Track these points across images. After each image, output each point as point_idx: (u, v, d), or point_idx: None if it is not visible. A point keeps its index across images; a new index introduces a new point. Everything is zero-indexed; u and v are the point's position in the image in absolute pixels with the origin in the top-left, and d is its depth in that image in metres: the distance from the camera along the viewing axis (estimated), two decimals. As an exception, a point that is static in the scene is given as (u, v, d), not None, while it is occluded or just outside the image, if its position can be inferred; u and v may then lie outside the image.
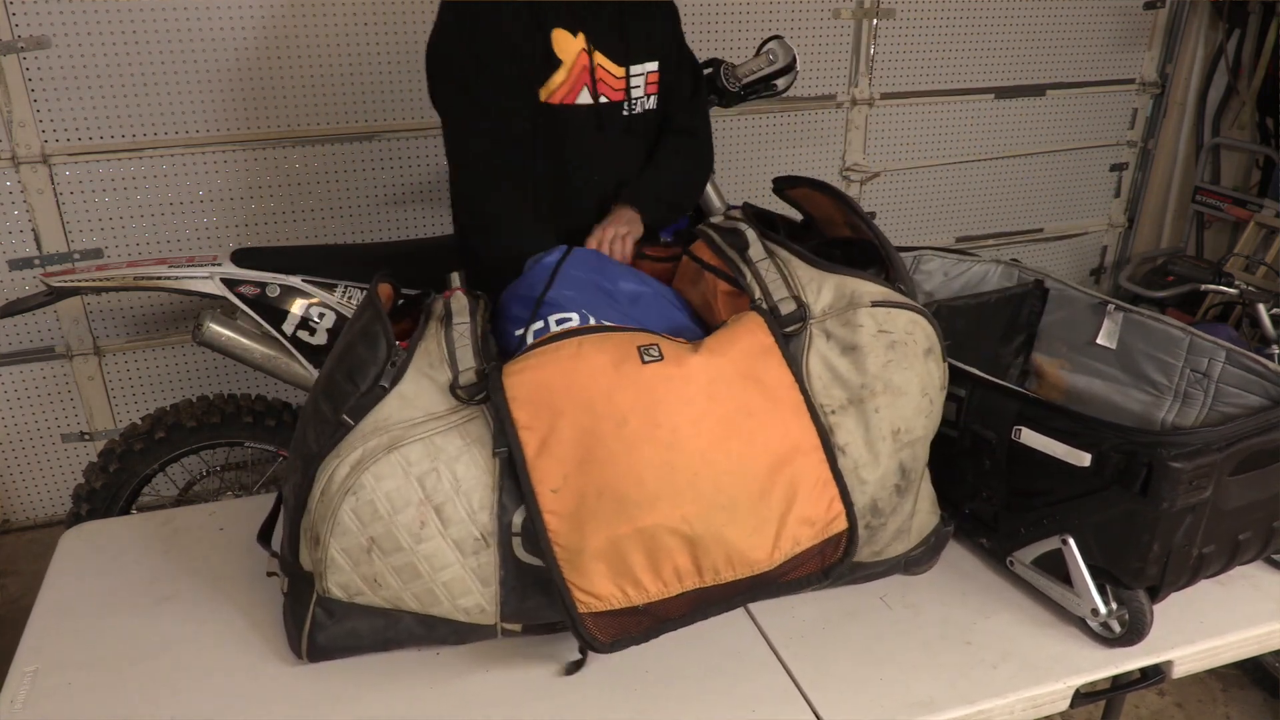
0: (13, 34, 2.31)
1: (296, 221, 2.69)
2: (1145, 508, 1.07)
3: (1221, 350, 1.31)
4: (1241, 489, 1.12)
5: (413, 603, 1.05)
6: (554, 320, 1.16)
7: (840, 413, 1.09)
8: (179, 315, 2.69)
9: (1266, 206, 3.36)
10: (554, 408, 1.01)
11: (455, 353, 1.05)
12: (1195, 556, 1.13)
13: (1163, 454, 1.05)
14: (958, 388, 1.24)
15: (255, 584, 1.22)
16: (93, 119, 2.45)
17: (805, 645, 1.15)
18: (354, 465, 1.00)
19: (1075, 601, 1.17)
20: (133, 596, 1.21)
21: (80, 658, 1.11)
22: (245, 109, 2.55)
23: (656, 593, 1.03)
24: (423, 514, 1.01)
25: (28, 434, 2.70)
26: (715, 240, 1.20)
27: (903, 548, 1.20)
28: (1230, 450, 1.08)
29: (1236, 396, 1.30)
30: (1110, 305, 1.48)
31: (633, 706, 1.06)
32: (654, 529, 1.00)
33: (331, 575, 1.03)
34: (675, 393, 1.02)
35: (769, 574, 1.05)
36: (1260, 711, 2.25)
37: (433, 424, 1.02)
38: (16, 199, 2.45)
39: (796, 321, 1.10)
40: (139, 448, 2.02)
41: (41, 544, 2.71)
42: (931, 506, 1.23)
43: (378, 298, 1.10)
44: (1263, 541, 1.20)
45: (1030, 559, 1.22)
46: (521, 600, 1.06)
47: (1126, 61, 3.56)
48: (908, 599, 1.23)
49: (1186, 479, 1.05)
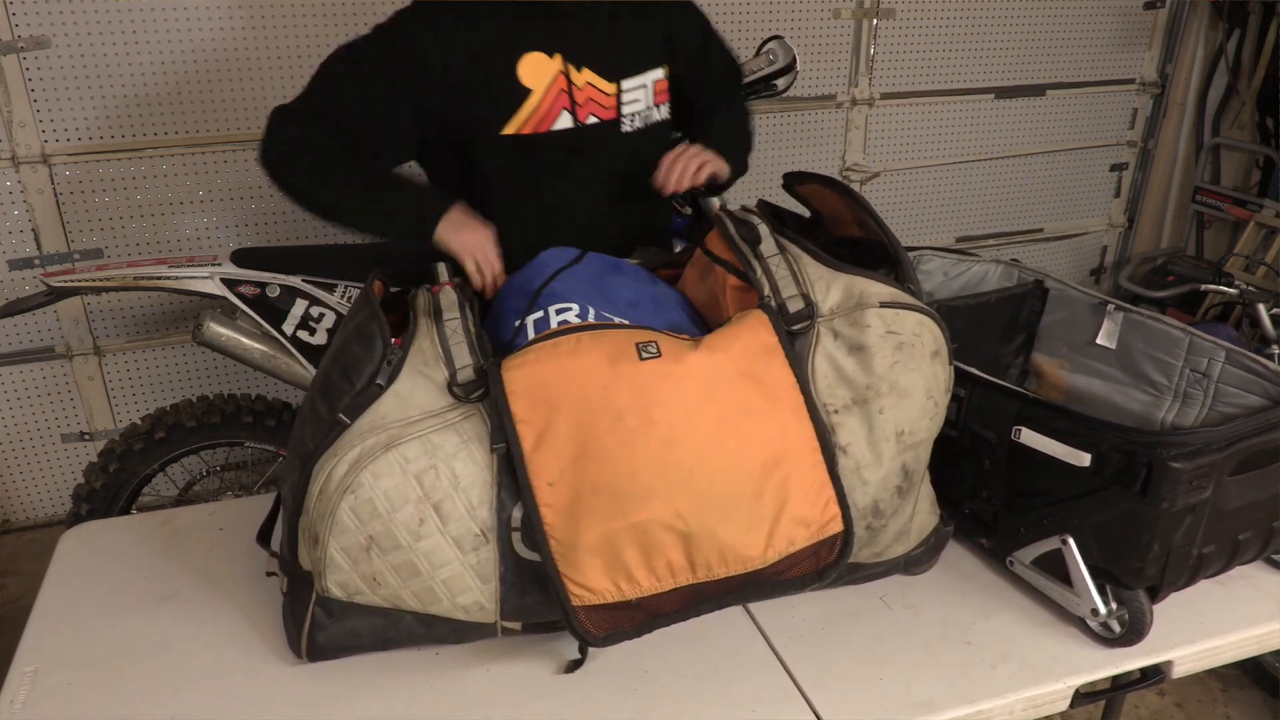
0: (13, 34, 2.31)
1: (296, 221, 2.69)
2: (1145, 508, 1.07)
3: (1221, 350, 1.31)
4: (1241, 489, 1.12)
5: (412, 601, 1.05)
6: (553, 310, 1.15)
7: (844, 412, 1.09)
8: (179, 315, 2.69)
9: (1266, 206, 3.36)
10: (551, 402, 1.01)
11: (450, 350, 1.05)
12: (1195, 556, 1.13)
13: (1163, 454, 1.05)
14: (958, 388, 1.24)
15: (255, 584, 1.22)
16: (93, 119, 2.45)
17: (805, 645, 1.15)
18: (352, 464, 1.00)
19: (1075, 601, 1.17)
20: (132, 596, 1.21)
21: (80, 658, 1.11)
22: (245, 109, 2.55)
23: (650, 587, 1.03)
24: (421, 511, 1.01)
25: (28, 434, 2.70)
26: (729, 229, 1.19)
27: (903, 549, 1.20)
28: (1230, 450, 1.07)
29: (1236, 396, 1.30)
30: (1110, 305, 1.48)
31: (632, 706, 1.06)
32: (648, 524, 1.00)
33: (330, 574, 1.03)
34: (672, 389, 1.02)
35: (762, 572, 1.05)
36: (1260, 711, 2.25)
37: (429, 421, 1.02)
38: (16, 199, 2.45)
39: (804, 320, 1.10)
40: (139, 448, 2.02)
41: (41, 544, 2.71)
42: (931, 507, 1.23)
43: (374, 295, 1.10)
44: (1263, 541, 1.19)
45: (1030, 559, 1.21)
46: (521, 597, 1.06)
47: (1126, 61, 3.56)
48: (908, 599, 1.23)
49: (1186, 479, 1.05)
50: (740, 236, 1.17)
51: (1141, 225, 3.82)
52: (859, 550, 1.13)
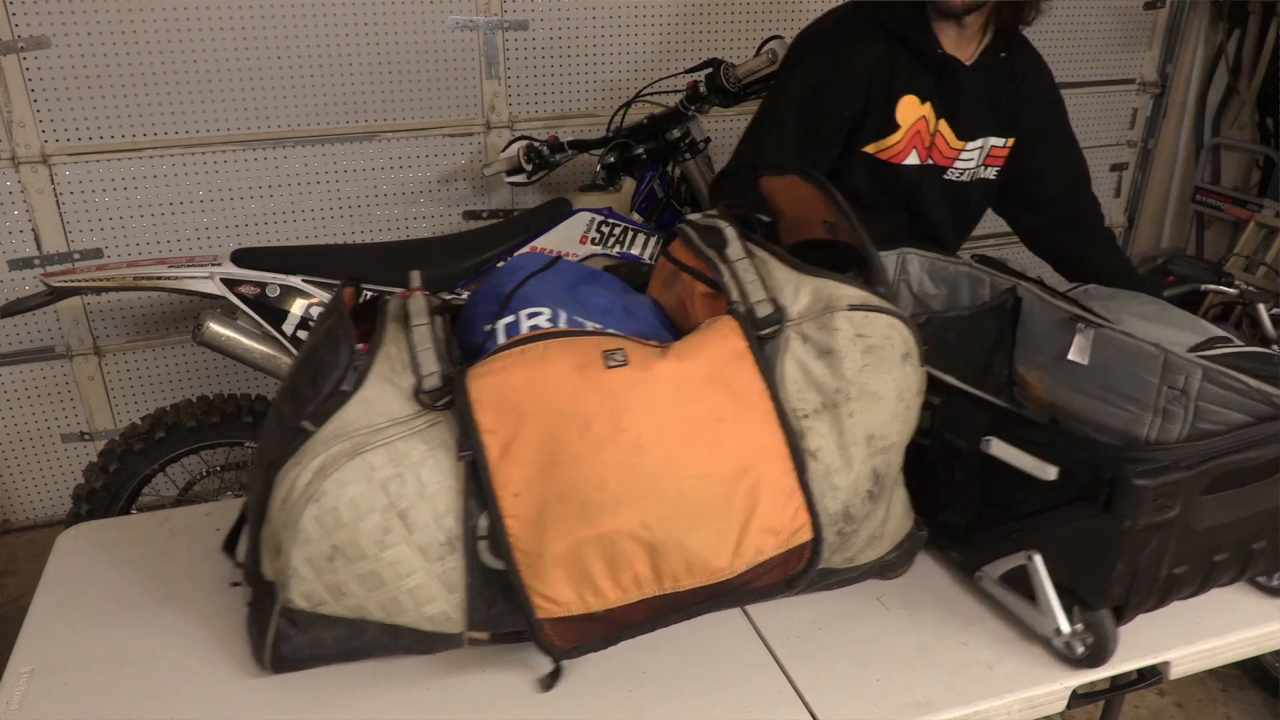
0: (13, 34, 2.31)
1: (296, 221, 2.69)
2: (1109, 525, 1.03)
3: (1198, 368, 1.26)
4: (1215, 508, 1.07)
5: (377, 611, 1.03)
6: (525, 314, 1.13)
7: (814, 417, 1.07)
8: (179, 315, 2.70)
9: (1266, 206, 3.36)
10: (518, 411, 0.99)
11: (418, 356, 1.03)
12: (1165, 577, 1.10)
13: (1127, 470, 1.00)
14: (932, 395, 1.21)
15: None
16: (93, 119, 2.45)
17: (802, 646, 1.15)
18: (316, 472, 0.98)
19: (1040, 620, 1.13)
20: (130, 597, 1.21)
21: (77, 658, 1.11)
22: (245, 109, 2.56)
23: (616, 599, 1.02)
24: (387, 520, 0.99)
25: (28, 434, 2.71)
26: (693, 239, 1.18)
27: (876, 554, 1.18)
28: (1201, 468, 1.03)
29: (1218, 414, 1.25)
30: (1080, 322, 1.42)
31: (630, 707, 1.06)
32: (614, 534, 0.99)
33: (294, 585, 1.01)
34: (640, 397, 1.00)
35: (730, 582, 1.04)
36: (1260, 711, 2.25)
37: (396, 429, 1.00)
38: (16, 199, 2.45)
39: (773, 324, 1.08)
40: (139, 448, 2.02)
41: (41, 544, 2.71)
42: (905, 511, 1.22)
43: (342, 301, 1.08)
44: (1241, 563, 1.16)
45: (998, 574, 1.18)
46: (489, 606, 1.05)
47: (1126, 61, 3.56)
48: (904, 600, 1.23)
49: (1150, 497, 1.01)
50: (706, 242, 1.15)
51: (1141, 225, 3.81)
52: (830, 556, 1.12)
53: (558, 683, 1.07)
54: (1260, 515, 1.12)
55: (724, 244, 1.14)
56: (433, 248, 2.26)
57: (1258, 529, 1.13)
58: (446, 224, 2.88)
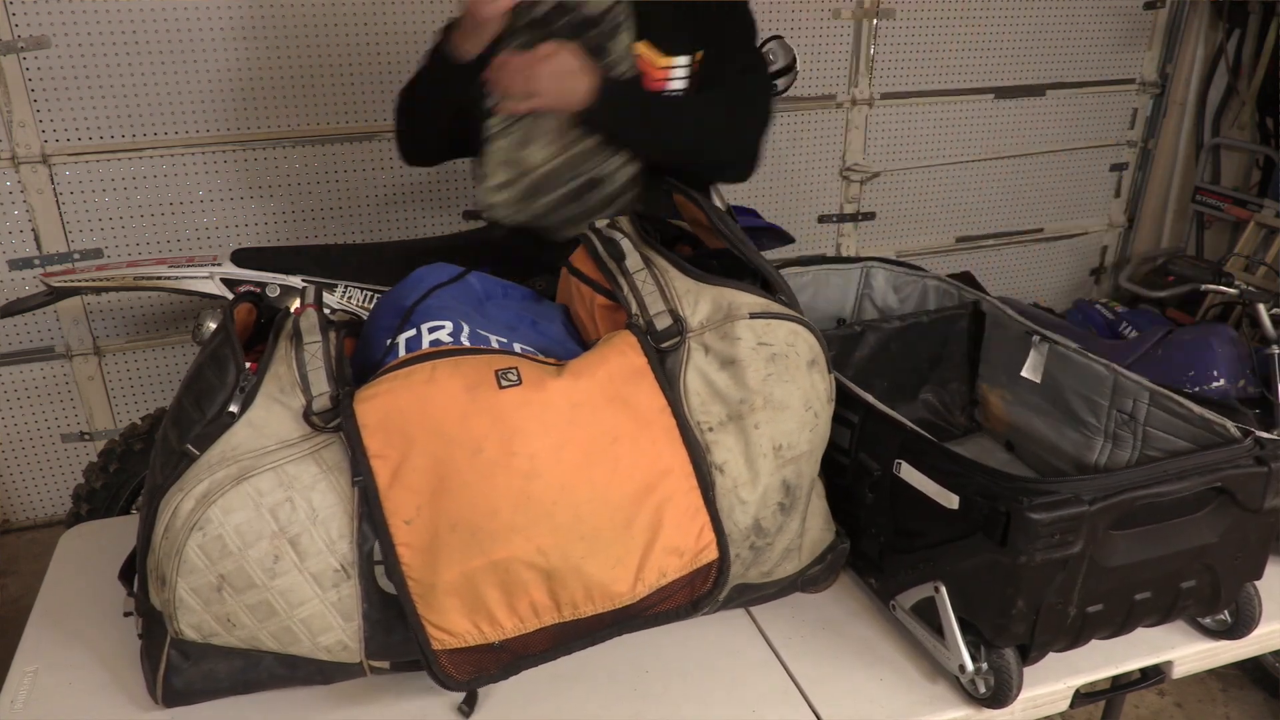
0: (13, 34, 2.31)
1: (296, 221, 2.69)
2: (1005, 559, 0.97)
3: (1145, 391, 1.22)
4: (1130, 545, 1.01)
5: (270, 642, 0.99)
6: (426, 328, 1.08)
7: (719, 430, 1.04)
8: (179, 315, 2.70)
9: (1266, 206, 3.36)
10: (405, 435, 0.96)
11: (308, 376, 0.99)
12: (1075, 616, 1.03)
13: (1022, 503, 0.94)
14: (851, 414, 1.17)
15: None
16: (93, 119, 2.45)
17: (806, 645, 1.15)
18: (199, 499, 0.94)
19: (945, 655, 1.07)
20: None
21: (80, 658, 1.11)
22: (245, 109, 2.56)
23: (513, 629, 0.99)
24: (276, 547, 0.95)
25: (28, 434, 2.70)
26: (596, 248, 1.14)
27: (794, 567, 1.15)
28: (1107, 503, 0.97)
29: (1164, 440, 1.20)
30: (1035, 336, 1.37)
31: (632, 706, 1.06)
32: (508, 562, 0.96)
33: (182, 616, 0.97)
34: (534, 419, 0.97)
35: (632, 607, 1.01)
36: (1260, 711, 2.25)
37: (285, 451, 0.96)
38: (16, 199, 2.45)
39: (673, 336, 1.05)
40: (139, 448, 2.02)
41: (41, 544, 2.71)
42: (825, 523, 1.18)
43: (231, 320, 1.04)
44: (1167, 603, 1.09)
45: (909, 604, 1.12)
46: (387, 634, 1.01)
47: (1126, 61, 3.56)
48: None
49: (1046, 532, 0.95)
50: (607, 253, 1.12)
51: (1141, 225, 3.82)
52: (745, 570, 1.09)
53: (475, 709, 1.04)
54: (1186, 553, 1.05)
55: (622, 255, 1.11)
56: (433, 247, 2.25)
57: (1183, 567, 1.07)
58: (446, 224, 2.88)
